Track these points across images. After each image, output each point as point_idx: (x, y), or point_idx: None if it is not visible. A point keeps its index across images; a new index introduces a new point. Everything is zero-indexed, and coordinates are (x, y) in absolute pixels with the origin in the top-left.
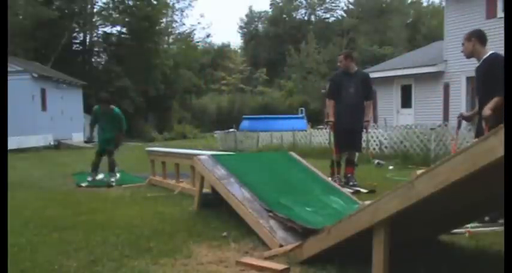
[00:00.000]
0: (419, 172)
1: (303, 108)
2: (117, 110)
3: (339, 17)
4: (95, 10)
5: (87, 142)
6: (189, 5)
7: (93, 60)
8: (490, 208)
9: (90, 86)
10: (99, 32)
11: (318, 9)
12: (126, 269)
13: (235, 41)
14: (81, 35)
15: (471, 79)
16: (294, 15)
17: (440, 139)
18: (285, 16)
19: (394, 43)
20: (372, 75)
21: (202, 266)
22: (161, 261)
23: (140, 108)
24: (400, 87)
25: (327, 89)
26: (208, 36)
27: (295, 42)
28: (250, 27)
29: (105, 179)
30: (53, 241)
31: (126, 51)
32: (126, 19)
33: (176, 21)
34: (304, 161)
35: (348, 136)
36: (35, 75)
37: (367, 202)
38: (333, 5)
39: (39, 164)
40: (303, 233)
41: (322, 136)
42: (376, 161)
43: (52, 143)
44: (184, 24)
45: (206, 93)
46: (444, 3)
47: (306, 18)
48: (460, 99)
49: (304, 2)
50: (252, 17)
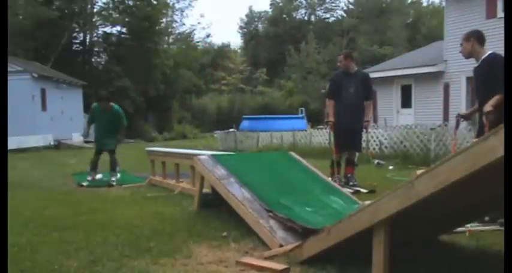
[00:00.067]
0: (419, 172)
1: (303, 108)
2: (116, 107)
3: (339, 17)
4: (95, 10)
5: (83, 137)
6: (189, 5)
7: (93, 60)
8: (490, 208)
9: (90, 86)
10: (99, 32)
11: (318, 9)
12: (126, 269)
13: (235, 41)
14: (81, 35)
15: (471, 79)
16: (294, 15)
17: (440, 139)
18: (285, 16)
19: (394, 43)
20: (372, 75)
21: (202, 266)
22: (161, 261)
23: (140, 108)
24: (400, 87)
25: (327, 89)
26: (208, 36)
27: (295, 42)
28: (250, 27)
29: (104, 179)
30: (53, 241)
31: (126, 51)
32: (126, 19)
33: (176, 21)
34: (304, 161)
35: (348, 136)
36: (35, 75)
37: (367, 202)
38: (333, 5)
39: (39, 164)
40: (303, 233)
41: (322, 136)
42: (376, 161)
43: (52, 143)
44: (184, 24)
45: (206, 93)
46: (444, 3)
47: (306, 18)
48: (460, 99)
49: (304, 2)
50: (252, 17)
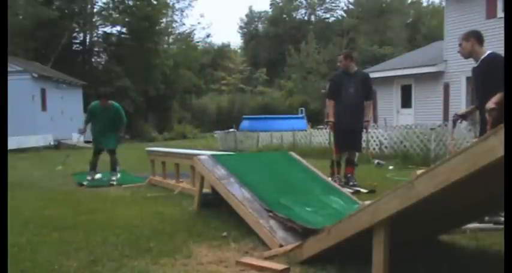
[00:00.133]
0: (419, 172)
1: (303, 108)
2: (116, 105)
3: (339, 17)
4: (95, 10)
5: (80, 133)
6: (189, 5)
7: (93, 60)
8: (490, 208)
9: (90, 86)
10: (99, 32)
11: (318, 9)
12: (126, 269)
13: (235, 41)
14: (81, 35)
15: (471, 79)
16: (294, 15)
17: (440, 139)
18: (285, 16)
19: (394, 43)
20: (372, 75)
21: (202, 266)
22: (161, 261)
23: (140, 108)
24: (400, 87)
25: (327, 89)
26: (208, 36)
27: (295, 42)
28: (250, 27)
29: (104, 179)
30: (53, 241)
31: (126, 51)
32: (126, 19)
33: (176, 21)
34: (304, 161)
35: (348, 136)
36: (35, 75)
37: (367, 202)
38: (333, 5)
39: (39, 164)
40: (303, 233)
41: (322, 136)
42: (376, 161)
43: (52, 143)
44: (184, 24)
45: (206, 93)
46: (444, 3)
47: (306, 18)
48: (460, 99)
49: (304, 2)
50: (252, 17)
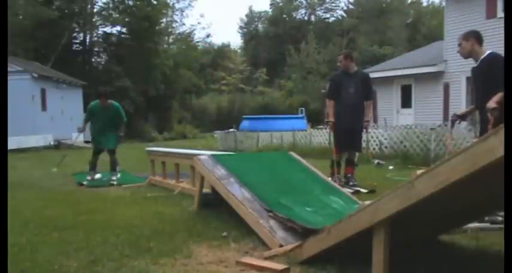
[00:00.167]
0: (419, 172)
1: (303, 108)
2: (116, 104)
3: (339, 17)
4: (95, 10)
5: (78, 131)
6: (189, 5)
7: (93, 60)
8: (490, 208)
9: (90, 86)
10: (99, 32)
11: (318, 9)
12: (126, 269)
13: (235, 41)
14: (81, 35)
15: (471, 79)
16: (294, 15)
17: (440, 139)
18: (285, 16)
19: (394, 43)
20: (372, 75)
21: (202, 266)
22: (161, 261)
23: (140, 108)
24: (400, 87)
25: (327, 89)
26: (208, 36)
27: (295, 42)
28: (250, 27)
29: (104, 179)
30: (53, 241)
31: (126, 51)
32: (126, 19)
33: (176, 21)
34: (304, 161)
35: (348, 136)
36: (35, 75)
37: (367, 202)
38: (333, 5)
39: (39, 164)
40: (303, 233)
41: (322, 136)
42: (376, 161)
43: (52, 143)
44: (184, 24)
45: (206, 93)
46: (444, 3)
47: (306, 18)
48: (460, 99)
49: (304, 2)
50: (252, 17)
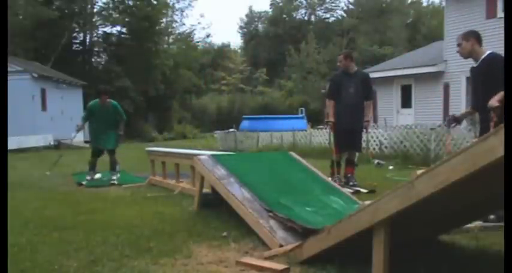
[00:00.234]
0: (419, 172)
1: (303, 108)
2: (114, 103)
3: (339, 17)
4: (95, 10)
5: (77, 130)
6: (189, 5)
7: (93, 60)
8: (490, 208)
9: (90, 86)
10: (99, 32)
11: (318, 9)
12: (126, 269)
13: (235, 41)
14: (81, 35)
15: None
16: (294, 15)
17: (440, 139)
18: (285, 16)
19: (394, 43)
20: (372, 75)
21: (202, 266)
22: (161, 261)
23: (140, 108)
24: (400, 87)
25: (327, 89)
26: (208, 36)
27: (295, 42)
28: (250, 27)
29: (104, 179)
30: (53, 241)
31: (126, 51)
32: (126, 19)
33: (176, 21)
34: (304, 161)
35: (348, 136)
36: (35, 75)
37: (367, 202)
38: (333, 5)
39: (39, 164)
40: (303, 233)
41: (322, 136)
42: (376, 161)
43: (52, 143)
44: (184, 24)
45: (206, 93)
46: (444, 3)
47: (306, 18)
48: (460, 99)
49: (304, 2)
50: (252, 17)
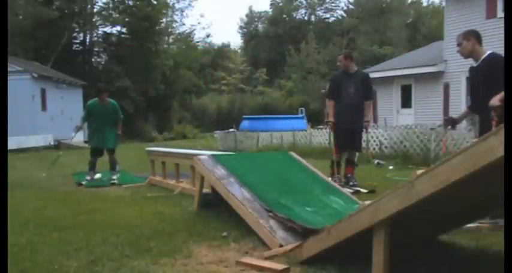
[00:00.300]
0: (419, 172)
1: (303, 108)
2: (113, 102)
3: (339, 17)
4: (95, 10)
5: (75, 131)
6: (189, 5)
7: (93, 60)
8: (490, 208)
9: (90, 86)
10: (99, 32)
11: (318, 9)
12: (126, 269)
13: (235, 41)
14: (81, 35)
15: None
16: (294, 15)
17: (440, 139)
18: (285, 16)
19: (394, 43)
20: (372, 75)
21: (202, 266)
22: (161, 261)
23: (140, 108)
24: (400, 87)
25: (327, 89)
26: (208, 36)
27: (295, 42)
28: (250, 27)
29: (104, 179)
30: (53, 241)
31: (126, 51)
32: (126, 19)
33: (176, 21)
34: (304, 161)
35: (348, 136)
36: (35, 75)
37: (367, 202)
38: (333, 5)
39: (39, 164)
40: (303, 233)
41: (322, 136)
42: (376, 161)
43: (52, 143)
44: (184, 24)
45: (206, 93)
46: (444, 3)
47: (306, 18)
48: (460, 99)
49: (304, 2)
50: (252, 17)
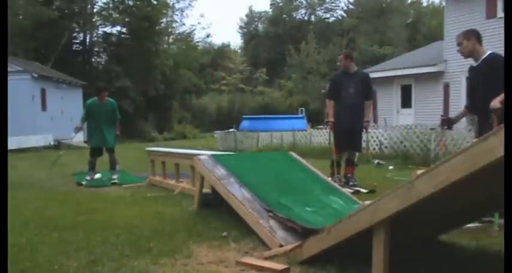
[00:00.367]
0: (419, 172)
1: (303, 108)
2: (112, 101)
3: (339, 17)
4: (95, 10)
5: (75, 132)
6: (189, 5)
7: (93, 60)
8: (490, 208)
9: (90, 86)
10: (99, 32)
11: (318, 9)
12: (126, 269)
13: (235, 41)
14: (81, 35)
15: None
16: (294, 15)
17: (440, 139)
18: (285, 16)
19: (394, 43)
20: (372, 75)
21: (202, 266)
22: (161, 261)
23: (140, 108)
24: (400, 87)
25: (327, 89)
26: (208, 36)
27: (295, 42)
28: (250, 27)
29: (104, 179)
30: (53, 241)
31: (126, 51)
32: (126, 19)
33: (176, 21)
34: (304, 161)
35: (348, 136)
36: (35, 75)
37: (367, 202)
38: (333, 5)
39: (39, 164)
40: (303, 233)
41: (322, 136)
42: (376, 161)
43: (52, 143)
44: (184, 24)
45: (206, 93)
46: (444, 3)
47: (306, 18)
48: (460, 99)
49: (304, 2)
50: (252, 17)
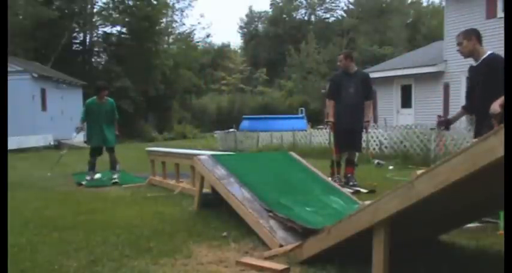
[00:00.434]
0: (419, 172)
1: (303, 108)
2: (111, 100)
3: (339, 17)
4: (95, 10)
5: (76, 132)
6: (189, 5)
7: (93, 60)
8: (490, 208)
9: (90, 86)
10: (99, 32)
11: (318, 9)
12: (126, 269)
13: (235, 41)
14: (81, 35)
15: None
16: (294, 15)
17: (440, 140)
18: (285, 16)
19: (394, 43)
20: (372, 75)
21: (202, 266)
22: (161, 261)
23: (140, 108)
24: (400, 87)
25: (327, 89)
26: (208, 36)
27: (295, 42)
28: (250, 27)
29: (104, 178)
30: (53, 241)
31: (126, 51)
32: (126, 19)
33: (176, 21)
34: (304, 161)
35: (348, 136)
36: (35, 75)
37: (367, 202)
38: (333, 5)
39: (39, 164)
40: (303, 233)
41: (322, 136)
42: (376, 161)
43: (52, 143)
44: (184, 24)
45: (206, 93)
46: (444, 3)
47: (306, 18)
48: (460, 99)
49: (304, 2)
50: (252, 17)
